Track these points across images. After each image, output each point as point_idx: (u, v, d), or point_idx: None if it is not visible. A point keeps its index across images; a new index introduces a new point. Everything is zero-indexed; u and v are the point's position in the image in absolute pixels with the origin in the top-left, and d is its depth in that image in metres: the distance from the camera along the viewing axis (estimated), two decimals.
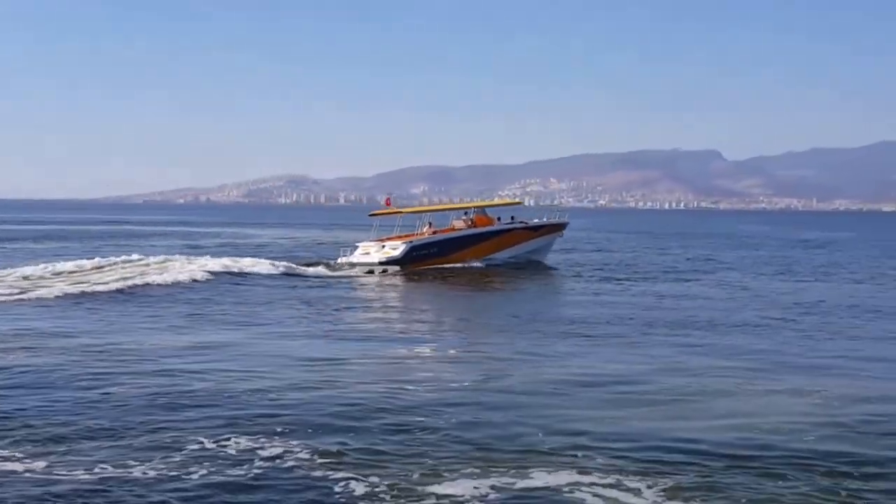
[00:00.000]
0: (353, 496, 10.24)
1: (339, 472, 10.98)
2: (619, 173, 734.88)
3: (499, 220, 46.88)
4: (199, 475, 10.77)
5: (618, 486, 10.54)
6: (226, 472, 10.88)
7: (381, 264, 40.87)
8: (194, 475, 10.76)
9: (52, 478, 10.57)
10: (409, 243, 42.04)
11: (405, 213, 48.70)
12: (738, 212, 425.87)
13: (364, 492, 10.35)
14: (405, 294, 34.19)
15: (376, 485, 10.53)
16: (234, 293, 31.36)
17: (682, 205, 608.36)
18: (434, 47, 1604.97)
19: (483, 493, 10.29)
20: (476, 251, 44.12)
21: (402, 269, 40.51)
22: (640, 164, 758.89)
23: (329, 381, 16.18)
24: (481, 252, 44.30)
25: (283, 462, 11.36)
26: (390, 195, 51.83)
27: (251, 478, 10.74)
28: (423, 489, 10.37)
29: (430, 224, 45.62)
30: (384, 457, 11.56)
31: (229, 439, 12.25)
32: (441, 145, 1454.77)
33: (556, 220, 49.77)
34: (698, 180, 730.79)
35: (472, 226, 45.35)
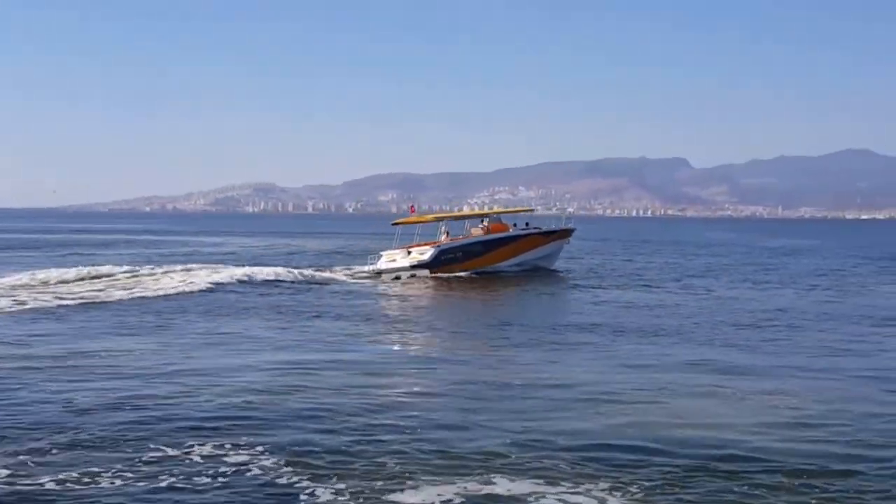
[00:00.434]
0: (317, 503, 10.22)
1: (304, 478, 10.91)
2: (587, 181, 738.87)
3: (514, 227, 48.04)
4: (164, 483, 10.67)
5: (585, 493, 10.51)
6: (190, 480, 10.77)
7: (411, 268, 42.22)
8: (158, 483, 10.65)
9: (17, 488, 10.42)
10: (438, 247, 43.35)
11: (428, 220, 49.64)
12: (704, 219, 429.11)
13: (328, 499, 10.28)
14: (398, 303, 33.99)
15: (341, 492, 10.47)
16: (205, 304, 31.13)
17: (649, 212, 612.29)
18: (400, 54, 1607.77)
19: (447, 500, 10.26)
20: (496, 255, 45.26)
21: (430, 272, 41.91)
22: (608, 171, 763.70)
23: (296, 387, 16.08)
24: (501, 256, 45.48)
25: (248, 469, 11.28)
26: (413, 204, 53.58)
27: (216, 486, 10.64)
28: (386, 497, 10.32)
29: (448, 233, 46.52)
30: (349, 463, 11.51)
31: (192, 446, 12.15)
32: (409, 153, 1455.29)
33: (566, 227, 50.80)
34: (666, 188, 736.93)
35: (488, 233, 46.36)
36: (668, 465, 11.56)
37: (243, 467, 11.31)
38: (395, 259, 43.41)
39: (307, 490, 10.56)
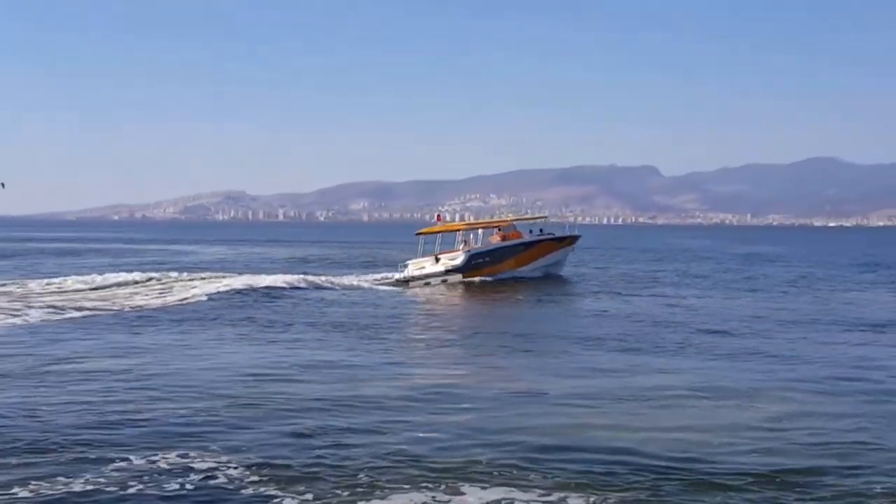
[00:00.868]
0: None
1: (271, 488, 10.73)
2: (558, 189, 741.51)
3: (530, 233, 49.64)
4: (133, 489, 10.51)
5: (558, 501, 10.39)
6: (157, 489, 10.58)
7: (445, 273, 44.05)
8: (127, 489, 10.50)
9: None
10: (468, 252, 45.46)
11: (453, 229, 50.60)
12: (674, 227, 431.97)
13: None
14: (388, 311, 33.74)
15: (308, 501, 10.30)
16: (178, 313, 30.81)
17: (619, 220, 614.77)
18: (371, 64, 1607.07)
19: None
20: (517, 261, 46.95)
21: (462, 276, 43.80)
22: (578, 179, 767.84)
23: (266, 396, 15.87)
24: (521, 261, 47.15)
25: (214, 478, 11.07)
26: (439, 212, 56.06)
27: (181, 495, 10.46)
28: None
29: (465, 242, 47.69)
30: (317, 472, 11.32)
31: (157, 455, 11.94)
32: (381, 161, 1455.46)
33: (572, 234, 52.50)
34: (636, 196, 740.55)
35: (505, 239, 47.80)
36: (640, 471, 11.46)
37: (209, 477, 11.10)
38: (425, 266, 45.07)
39: (275, 499, 10.38)
